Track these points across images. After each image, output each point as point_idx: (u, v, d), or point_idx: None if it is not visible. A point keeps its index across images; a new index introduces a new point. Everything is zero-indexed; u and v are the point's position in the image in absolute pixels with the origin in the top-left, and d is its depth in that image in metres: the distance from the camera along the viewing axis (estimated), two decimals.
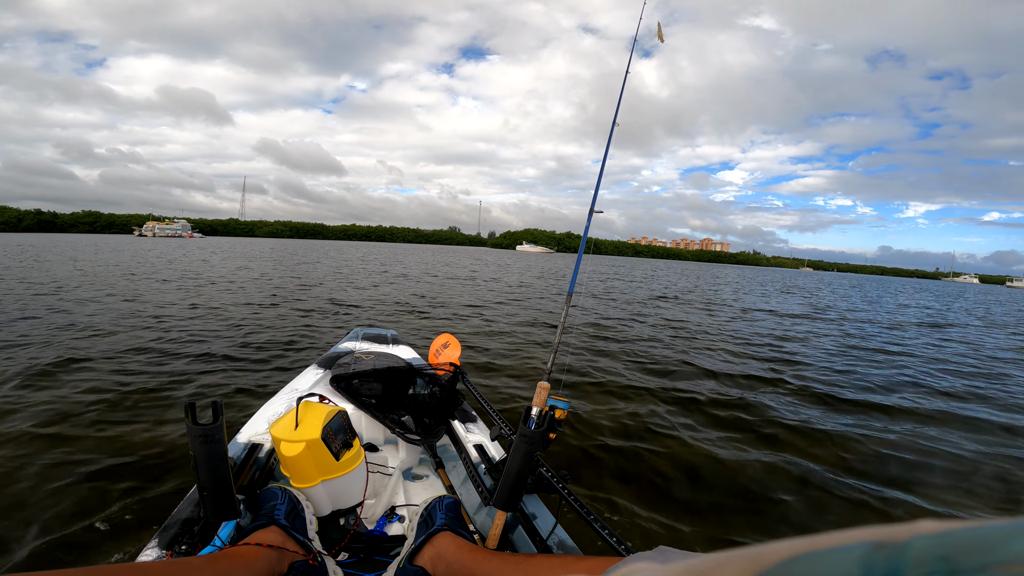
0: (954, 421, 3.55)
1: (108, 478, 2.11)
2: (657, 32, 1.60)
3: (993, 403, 4.18)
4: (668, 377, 4.38)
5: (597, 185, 1.51)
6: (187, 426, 0.97)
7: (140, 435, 2.50)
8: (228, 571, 0.85)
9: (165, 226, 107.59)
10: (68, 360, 3.73)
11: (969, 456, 2.86)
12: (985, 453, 2.92)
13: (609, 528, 1.02)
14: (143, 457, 2.30)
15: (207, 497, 1.00)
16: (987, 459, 2.83)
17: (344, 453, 1.27)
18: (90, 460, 2.23)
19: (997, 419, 3.65)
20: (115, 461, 2.24)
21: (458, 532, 1.08)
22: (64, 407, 2.78)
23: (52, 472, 2.11)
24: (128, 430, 2.55)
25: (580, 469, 2.45)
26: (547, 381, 1.28)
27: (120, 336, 4.78)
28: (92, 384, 3.21)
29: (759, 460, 2.63)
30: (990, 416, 3.72)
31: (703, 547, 1.84)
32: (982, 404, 4.13)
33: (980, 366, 5.94)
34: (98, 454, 2.28)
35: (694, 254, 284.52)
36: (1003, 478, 2.61)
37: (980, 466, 2.73)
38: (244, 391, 3.29)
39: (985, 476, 2.62)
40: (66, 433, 2.48)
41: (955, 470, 2.68)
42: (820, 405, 3.78)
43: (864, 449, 2.88)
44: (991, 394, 4.49)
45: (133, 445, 2.39)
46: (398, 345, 2.41)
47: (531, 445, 1.09)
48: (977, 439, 3.17)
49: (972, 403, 4.14)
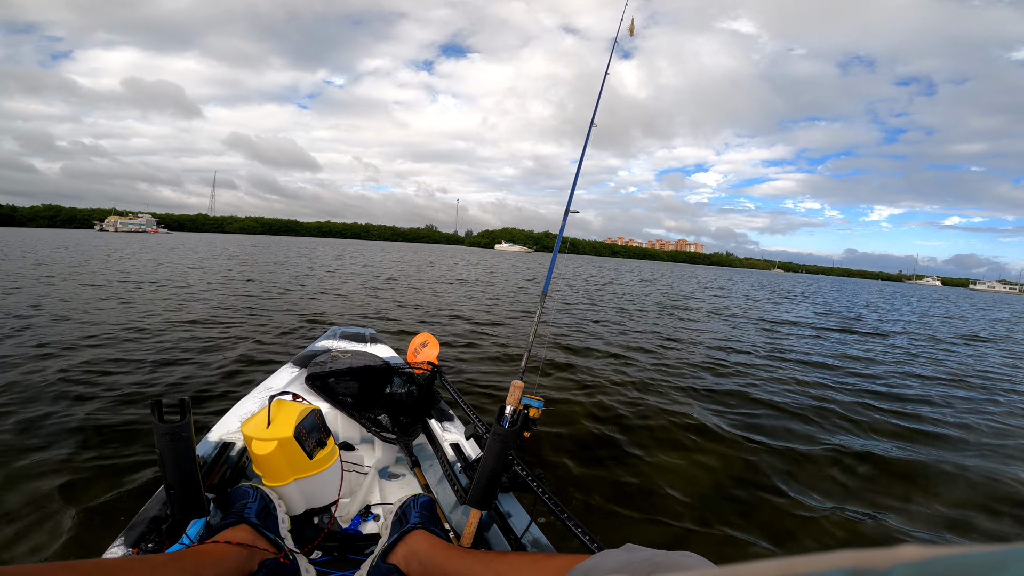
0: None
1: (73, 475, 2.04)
2: (630, 26, 1.62)
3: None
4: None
5: (574, 184, 1.53)
6: (153, 424, 0.95)
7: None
8: (195, 568, 0.83)
9: (128, 221, 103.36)
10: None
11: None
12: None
13: (583, 527, 1.04)
14: (109, 454, 2.21)
15: (174, 495, 0.98)
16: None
17: (318, 452, 1.26)
18: (52, 458, 2.14)
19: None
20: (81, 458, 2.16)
21: (432, 530, 1.08)
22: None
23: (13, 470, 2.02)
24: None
25: (556, 468, 2.47)
26: (521, 380, 1.28)
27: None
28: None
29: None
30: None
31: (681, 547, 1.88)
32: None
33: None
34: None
35: (669, 255, 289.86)
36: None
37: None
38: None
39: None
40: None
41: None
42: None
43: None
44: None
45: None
46: (376, 344, 2.39)
47: (505, 444, 1.10)
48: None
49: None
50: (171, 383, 3.32)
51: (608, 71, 1.64)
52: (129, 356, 3.89)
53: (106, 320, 5.32)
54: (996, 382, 5.33)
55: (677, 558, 0.58)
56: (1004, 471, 2.76)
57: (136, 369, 3.58)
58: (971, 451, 3.10)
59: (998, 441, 3.31)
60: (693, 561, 0.57)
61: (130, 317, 5.55)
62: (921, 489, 2.52)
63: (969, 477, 2.67)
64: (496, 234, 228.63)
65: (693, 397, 3.85)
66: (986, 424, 3.67)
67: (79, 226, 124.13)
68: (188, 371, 3.61)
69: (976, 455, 3.02)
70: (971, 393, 4.72)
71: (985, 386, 5.07)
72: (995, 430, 3.56)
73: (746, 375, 4.69)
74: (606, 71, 1.64)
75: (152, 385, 3.25)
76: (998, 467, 2.82)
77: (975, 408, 4.15)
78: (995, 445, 3.23)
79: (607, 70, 1.63)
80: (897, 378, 5.10)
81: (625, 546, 0.66)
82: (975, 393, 4.74)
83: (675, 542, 1.93)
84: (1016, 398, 4.68)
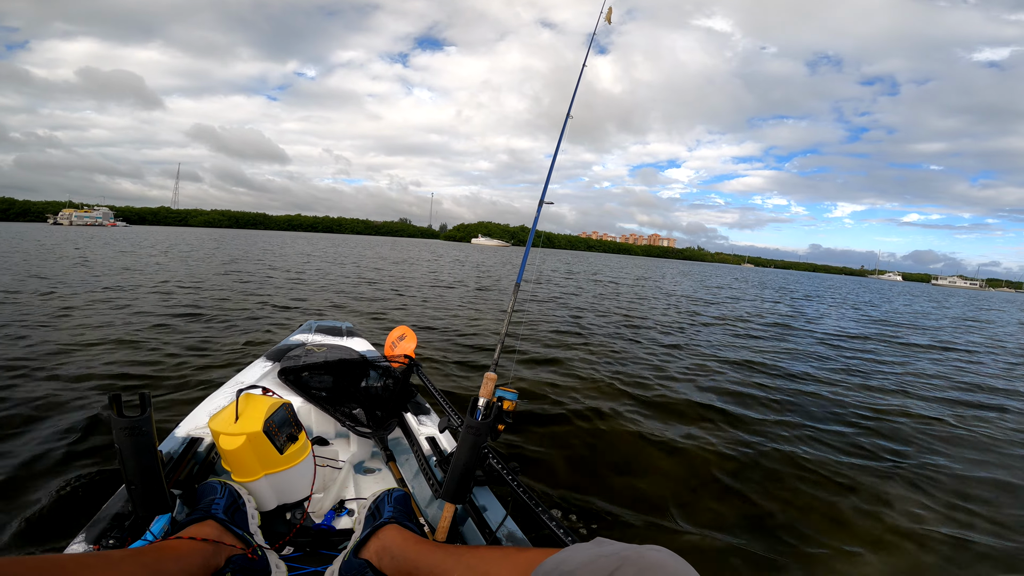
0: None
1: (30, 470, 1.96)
2: (607, 15, 1.62)
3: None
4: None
5: (548, 175, 1.53)
6: (112, 418, 0.92)
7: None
8: (155, 564, 0.81)
9: (84, 214, 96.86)
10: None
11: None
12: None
13: (557, 520, 1.04)
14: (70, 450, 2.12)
15: (135, 491, 0.95)
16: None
17: (289, 446, 1.24)
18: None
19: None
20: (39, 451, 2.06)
21: (405, 525, 1.08)
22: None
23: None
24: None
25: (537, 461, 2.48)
26: (494, 372, 1.27)
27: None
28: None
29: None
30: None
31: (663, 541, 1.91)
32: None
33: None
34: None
35: (643, 249, 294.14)
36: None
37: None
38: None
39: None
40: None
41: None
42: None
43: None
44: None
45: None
46: (353, 337, 2.36)
47: (478, 437, 1.10)
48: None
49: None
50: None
51: (586, 64, 1.65)
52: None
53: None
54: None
55: (644, 552, 0.59)
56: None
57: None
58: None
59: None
60: (662, 555, 0.58)
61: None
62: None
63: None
64: (472, 228, 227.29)
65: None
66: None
67: (34, 220, 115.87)
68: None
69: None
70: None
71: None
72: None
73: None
74: (584, 63, 1.65)
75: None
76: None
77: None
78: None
79: (585, 62, 1.64)
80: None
81: (595, 540, 0.67)
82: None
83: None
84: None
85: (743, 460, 2.64)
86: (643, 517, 2.06)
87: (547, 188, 1.49)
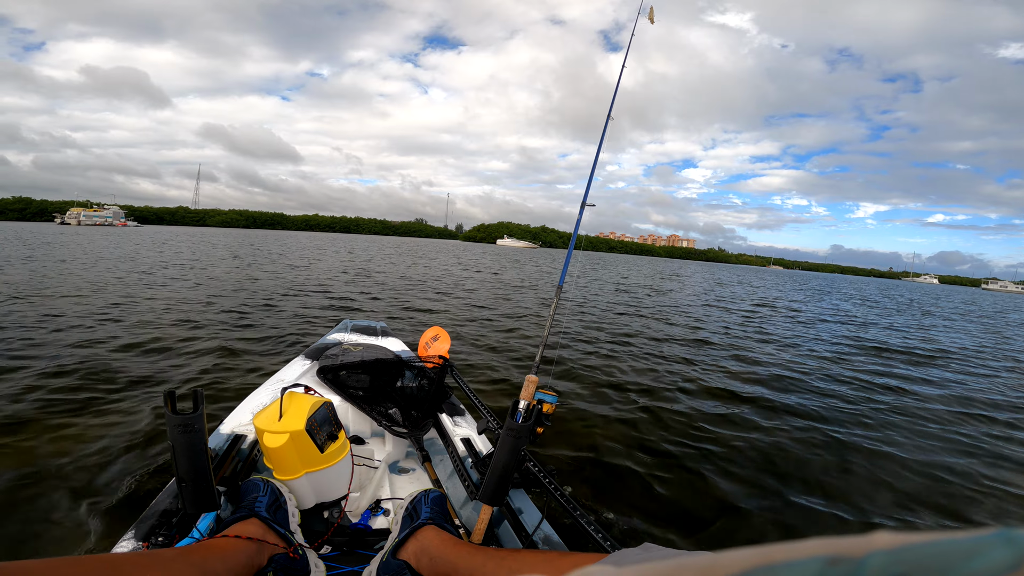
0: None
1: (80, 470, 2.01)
2: (649, 14, 1.60)
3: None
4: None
5: (590, 177, 1.51)
6: (166, 415, 0.94)
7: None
8: (203, 563, 0.82)
9: (93, 213, 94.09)
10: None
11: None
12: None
13: (596, 524, 1.02)
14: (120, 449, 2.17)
15: (186, 488, 0.97)
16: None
17: (329, 445, 1.25)
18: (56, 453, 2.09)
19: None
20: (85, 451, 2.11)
21: (442, 526, 1.07)
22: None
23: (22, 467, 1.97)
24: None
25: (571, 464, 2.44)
26: (535, 374, 1.27)
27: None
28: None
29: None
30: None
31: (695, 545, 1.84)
32: None
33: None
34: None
35: (665, 250, 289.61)
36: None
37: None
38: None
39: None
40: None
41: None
42: None
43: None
44: None
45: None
46: (387, 337, 2.38)
47: (517, 439, 1.08)
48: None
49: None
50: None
51: (625, 64, 1.62)
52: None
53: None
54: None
55: (699, 559, 0.56)
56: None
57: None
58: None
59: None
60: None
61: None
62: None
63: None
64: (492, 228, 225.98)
65: None
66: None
67: (49, 219, 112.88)
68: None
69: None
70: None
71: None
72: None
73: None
74: (623, 65, 1.62)
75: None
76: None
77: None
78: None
79: (624, 63, 1.61)
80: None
81: (643, 545, 0.65)
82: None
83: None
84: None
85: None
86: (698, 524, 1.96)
87: (589, 190, 1.47)
